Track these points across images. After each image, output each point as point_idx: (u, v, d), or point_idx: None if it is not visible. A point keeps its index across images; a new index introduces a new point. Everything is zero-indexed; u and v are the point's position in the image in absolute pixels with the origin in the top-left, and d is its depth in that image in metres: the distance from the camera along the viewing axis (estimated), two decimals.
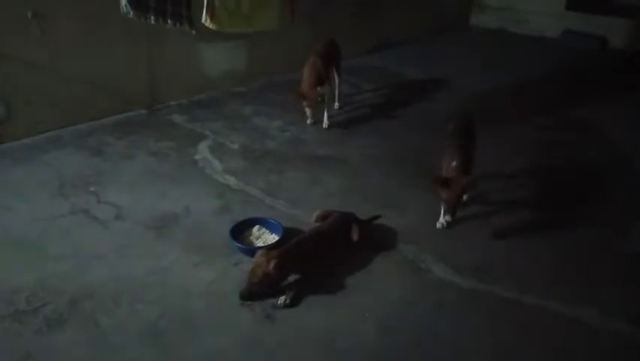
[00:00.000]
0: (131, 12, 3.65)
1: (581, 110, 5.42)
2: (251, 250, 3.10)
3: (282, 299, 2.73)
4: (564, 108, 5.49)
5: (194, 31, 3.77)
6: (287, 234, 3.18)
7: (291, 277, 2.85)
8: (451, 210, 3.21)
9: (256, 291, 2.75)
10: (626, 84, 6.30)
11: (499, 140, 4.61)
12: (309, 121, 4.88)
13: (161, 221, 3.39)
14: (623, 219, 3.63)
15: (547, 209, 3.73)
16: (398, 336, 2.60)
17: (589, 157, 4.54)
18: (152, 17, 3.69)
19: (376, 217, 3.43)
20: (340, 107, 5.25)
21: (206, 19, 3.69)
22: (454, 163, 3.28)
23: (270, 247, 2.97)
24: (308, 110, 4.77)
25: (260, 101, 5.42)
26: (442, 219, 3.39)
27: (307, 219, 3.33)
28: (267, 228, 3.30)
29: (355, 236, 3.12)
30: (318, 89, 4.66)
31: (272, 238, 3.22)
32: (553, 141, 4.76)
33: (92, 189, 3.69)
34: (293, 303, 2.74)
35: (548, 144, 4.71)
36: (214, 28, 3.75)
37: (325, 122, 4.85)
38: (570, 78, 6.54)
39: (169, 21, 3.72)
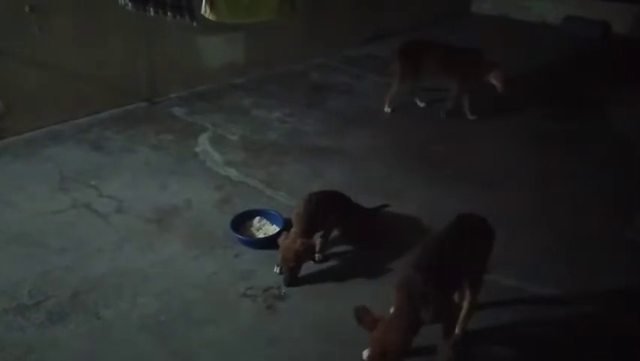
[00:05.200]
0: (129, 4, 3.63)
1: (581, 99, 5.38)
2: (252, 242, 3.11)
3: (318, 256, 3.00)
4: (565, 97, 5.46)
5: (194, 23, 3.75)
6: (287, 225, 3.17)
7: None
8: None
9: (297, 273, 2.83)
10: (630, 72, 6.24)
11: (497, 132, 4.58)
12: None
13: (161, 214, 3.39)
14: (627, 208, 3.61)
15: (549, 197, 3.72)
16: None
17: (590, 146, 4.51)
18: (152, 9, 3.67)
19: (384, 206, 3.43)
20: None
21: (205, 10, 3.67)
22: None
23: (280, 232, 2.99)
24: None
25: (259, 92, 5.40)
26: None
27: None
28: (267, 219, 3.31)
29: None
30: None
31: (272, 229, 3.23)
32: (554, 131, 4.73)
33: (92, 182, 3.70)
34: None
35: (548, 134, 4.67)
36: (214, 18, 3.72)
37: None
38: (571, 66, 6.48)
39: (169, 13, 3.69)
